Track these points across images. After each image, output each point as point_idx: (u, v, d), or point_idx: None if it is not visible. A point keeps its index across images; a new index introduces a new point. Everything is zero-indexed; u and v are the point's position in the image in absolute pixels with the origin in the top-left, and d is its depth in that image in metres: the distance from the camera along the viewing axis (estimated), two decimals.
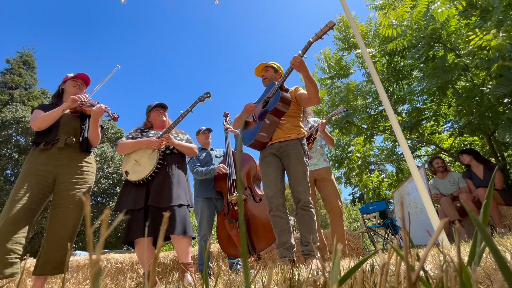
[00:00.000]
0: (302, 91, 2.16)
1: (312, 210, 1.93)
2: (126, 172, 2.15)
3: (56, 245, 1.71)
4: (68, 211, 1.78)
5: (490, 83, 3.45)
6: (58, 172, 1.85)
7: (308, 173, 2.01)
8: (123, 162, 2.24)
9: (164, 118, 2.41)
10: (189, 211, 2.19)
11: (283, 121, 2.09)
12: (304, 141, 2.10)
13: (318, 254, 1.82)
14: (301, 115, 2.22)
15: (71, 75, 2.14)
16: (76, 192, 1.85)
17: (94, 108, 1.98)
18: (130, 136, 2.31)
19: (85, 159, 1.98)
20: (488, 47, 2.91)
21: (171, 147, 2.26)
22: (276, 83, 2.12)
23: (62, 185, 1.83)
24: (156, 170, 2.11)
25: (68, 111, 2.01)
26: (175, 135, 2.34)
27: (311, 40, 1.95)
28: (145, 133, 2.32)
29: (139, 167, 2.14)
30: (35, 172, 1.80)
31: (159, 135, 2.25)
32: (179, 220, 2.00)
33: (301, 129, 2.13)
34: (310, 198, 1.95)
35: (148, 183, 2.10)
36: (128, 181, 2.14)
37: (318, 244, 1.88)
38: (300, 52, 1.96)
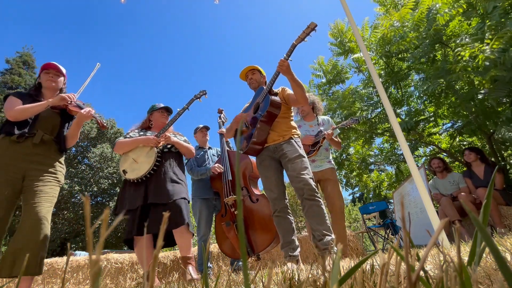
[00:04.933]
0: (289, 91, 2.17)
1: (319, 199, 1.86)
2: (124, 171, 2.14)
3: (21, 245, 1.52)
4: (35, 206, 1.60)
5: (486, 85, 3.48)
6: (28, 168, 1.69)
7: (308, 163, 1.99)
8: (120, 161, 2.23)
9: (166, 122, 2.42)
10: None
11: (277, 123, 2.09)
12: (298, 140, 2.11)
13: (335, 248, 1.70)
14: (292, 114, 2.23)
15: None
16: (46, 188, 1.69)
17: (82, 111, 1.91)
18: (128, 136, 2.31)
19: (58, 159, 1.86)
20: (477, 60, 2.99)
21: (169, 146, 2.26)
22: (264, 88, 2.13)
23: (30, 181, 1.67)
24: (155, 168, 2.11)
25: None
26: (173, 135, 2.35)
27: (294, 43, 1.97)
28: (142, 133, 2.33)
29: (137, 165, 2.13)
30: (6, 168, 1.63)
31: (156, 133, 2.25)
32: (185, 213, 2.00)
33: (294, 129, 2.14)
34: (314, 185, 1.88)
35: (146, 181, 2.09)
36: (126, 180, 2.14)
37: (333, 236, 1.77)
38: (285, 55, 1.97)
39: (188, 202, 2.16)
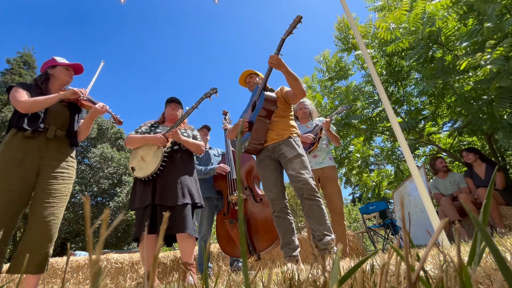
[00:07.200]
0: (288, 88, 2.18)
1: (319, 198, 1.85)
2: (133, 168, 2.15)
3: (35, 243, 1.53)
4: (49, 206, 1.60)
5: (488, 92, 3.45)
6: (42, 164, 1.68)
7: (307, 162, 1.98)
8: (130, 157, 2.24)
9: (176, 113, 2.41)
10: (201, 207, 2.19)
11: (275, 122, 2.09)
12: (298, 139, 2.11)
13: (335, 248, 1.68)
14: (292, 113, 2.23)
15: (60, 59, 1.98)
16: (60, 187, 1.69)
17: (96, 105, 1.92)
18: (140, 131, 2.30)
19: (70, 154, 1.85)
20: (482, 71, 2.96)
21: (178, 144, 2.25)
22: (259, 86, 2.16)
23: (44, 178, 1.66)
24: (161, 168, 2.10)
25: None
26: (183, 130, 2.33)
27: (283, 37, 2.04)
28: (153, 128, 2.32)
29: (144, 163, 2.13)
30: (19, 163, 1.61)
31: (165, 131, 2.23)
32: (188, 220, 1.99)
33: (294, 128, 2.13)
34: (314, 185, 1.87)
35: (154, 180, 2.08)
36: (136, 177, 2.15)
37: (333, 236, 1.77)
38: (275, 50, 2.03)
39: (200, 205, 2.14)
